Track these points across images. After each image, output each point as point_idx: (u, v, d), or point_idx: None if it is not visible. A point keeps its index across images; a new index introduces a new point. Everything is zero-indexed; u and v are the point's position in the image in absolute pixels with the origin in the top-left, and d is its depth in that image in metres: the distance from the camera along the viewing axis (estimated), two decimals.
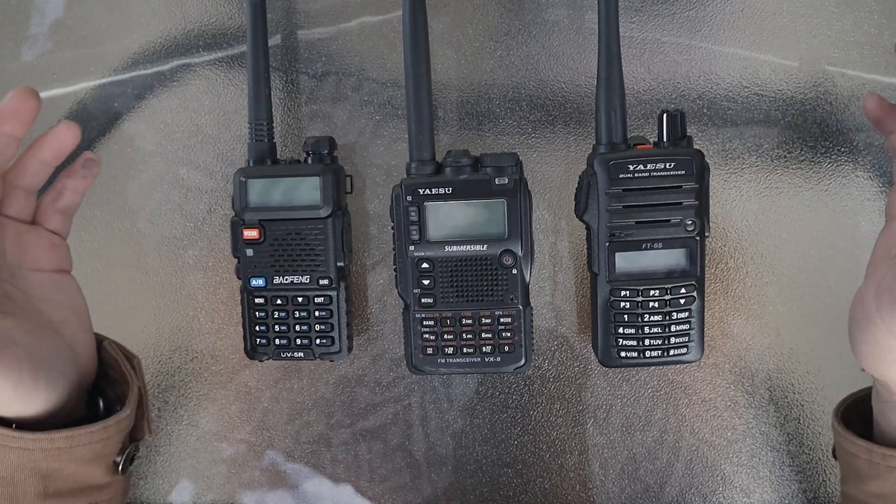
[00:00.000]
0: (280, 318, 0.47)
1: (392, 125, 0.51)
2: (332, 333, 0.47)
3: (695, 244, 0.43)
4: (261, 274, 0.47)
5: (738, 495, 0.52)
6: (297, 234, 0.46)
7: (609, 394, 0.52)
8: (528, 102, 0.50)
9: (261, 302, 0.47)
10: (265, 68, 0.47)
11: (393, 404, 0.53)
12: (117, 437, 0.41)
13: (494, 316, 0.45)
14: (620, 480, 0.53)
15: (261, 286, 0.47)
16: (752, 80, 0.49)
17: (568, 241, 0.51)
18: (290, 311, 0.47)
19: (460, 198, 0.44)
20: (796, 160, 0.49)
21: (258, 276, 0.47)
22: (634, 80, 0.49)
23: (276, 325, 0.47)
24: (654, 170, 0.42)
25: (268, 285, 0.47)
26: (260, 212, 0.46)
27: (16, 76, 0.53)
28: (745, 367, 0.51)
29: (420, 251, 0.45)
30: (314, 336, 0.47)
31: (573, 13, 0.50)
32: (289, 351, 0.48)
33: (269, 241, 0.46)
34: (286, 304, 0.47)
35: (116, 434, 0.41)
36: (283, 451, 0.55)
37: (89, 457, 0.40)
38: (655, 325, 0.44)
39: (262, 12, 0.46)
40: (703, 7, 0.49)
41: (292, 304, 0.47)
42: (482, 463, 0.54)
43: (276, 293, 0.47)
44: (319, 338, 0.47)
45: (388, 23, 0.50)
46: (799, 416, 0.51)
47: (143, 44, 0.52)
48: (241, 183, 0.46)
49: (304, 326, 0.47)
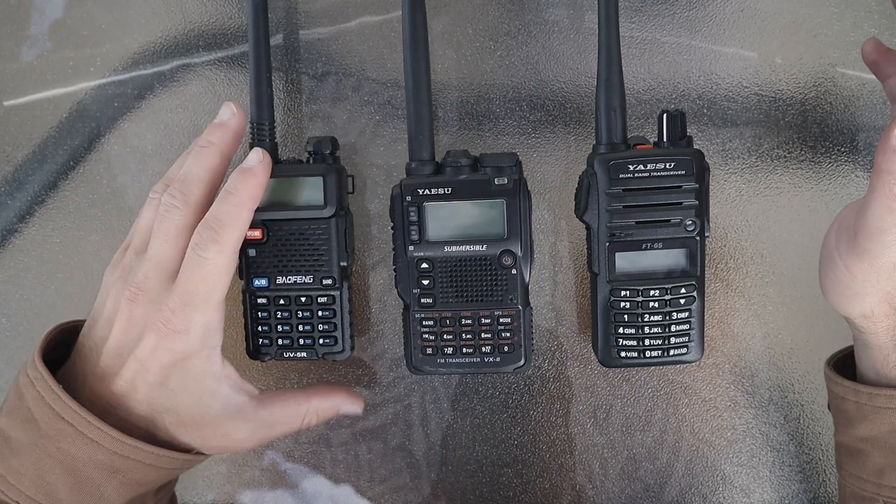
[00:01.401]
0: (283, 318, 0.47)
1: (392, 125, 0.51)
2: (335, 333, 0.47)
3: (695, 244, 0.43)
4: (264, 274, 0.47)
5: (738, 495, 0.52)
6: (300, 234, 0.46)
7: (609, 394, 0.52)
8: (528, 102, 0.50)
9: (263, 302, 0.47)
10: (267, 69, 0.46)
11: (393, 404, 0.53)
12: (176, 473, 0.44)
13: (494, 316, 0.45)
14: (620, 480, 0.53)
15: (264, 286, 0.47)
16: (752, 80, 0.49)
17: (568, 241, 0.51)
18: (294, 311, 0.47)
19: (460, 198, 0.44)
20: (796, 160, 0.49)
21: (261, 277, 0.47)
22: (634, 80, 0.49)
23: (278, 326, 0.47)
24: (654, 170, 0.42)
25: (271, 285, 0.47)
26: (263, 212, 0.46)
27: (16, 76, 0.53)
28: (745, 367, 0.51)
29: (420, 251, 0.45)
30: (317, 336, 0.47)
31: (573, 13, 0.50)
32: (292, 351, 0.48)
33: (273, 242, 0.46)
34: (289, 305, 0.47)
35: (181, 470, 0.44)
36: (283, 451, 0.55)
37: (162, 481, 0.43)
38: (655, 325, 0.44)
39: (263, 12, 0.46)
40: (703, 7, 0.49)
41: (295, 304, 0.47)
42: (482, 463, 0.54)
43: (279, 293, 0.47)
44: (323, 338, 0.47)
45: (388, 23, 0.50)
46: (799, 416, 0.51)
47: (143, 44, 0.52)
48: None
49: (307, 326, 0.47)
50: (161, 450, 0.40)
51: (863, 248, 0.37)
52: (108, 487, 0.39)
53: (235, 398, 0.43)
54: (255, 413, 0.43)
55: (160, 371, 0.40)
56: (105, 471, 0.39)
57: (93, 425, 0.38)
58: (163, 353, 0.39)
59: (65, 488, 0.38)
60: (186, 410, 0.41)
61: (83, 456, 0.38)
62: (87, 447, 0.38)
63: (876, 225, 0.35)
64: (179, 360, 0.40)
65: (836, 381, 0.42)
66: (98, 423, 0.38)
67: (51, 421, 0.38)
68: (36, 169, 0.54)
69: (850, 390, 0.40)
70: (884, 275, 0.37)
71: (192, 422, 0.41)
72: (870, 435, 0.40)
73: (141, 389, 0.40)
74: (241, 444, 0.44)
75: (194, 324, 0.39)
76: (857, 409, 0.40)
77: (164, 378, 0.40)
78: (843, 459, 0.43)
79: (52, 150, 0.53)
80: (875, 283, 0.37)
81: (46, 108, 0.53)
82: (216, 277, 0.40)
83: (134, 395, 0.40)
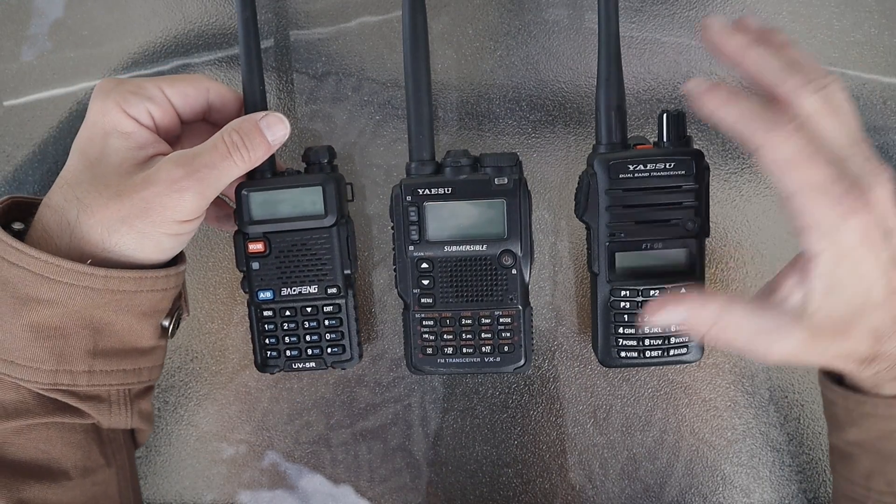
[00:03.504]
0: (290, 329, 0.47)
1: (392, 125, 0.51)
2: (342, 342, 0.47)
3: (695, 244, 0.43)
4: (268, 287, 0.46)
5: (738, 495, 0.52)
6: (302, 244, 0.46)
7: (609, 394, 0.52)
8: (528, 102, 0.50)
9: (269, 315, 0.47)
10: (260, 81, 0.45)
11: (393, 404, 0.53)
12: (173, 291, 0.43)
13: (494, 316, 0.45)
14: (620, 480, 0.53)
15: (269, 299, 0.46)
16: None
17: (568, 241, 0.51)
18: (300, 322, 0.47)
19: (460, 198, 0.44)
20: None
21: (266, 290, 0.46)
22: (634, 80, 0.49)
23: (286, 337, 0.47)
24: (654, 170, 0.42)
25: (276, 297, 0.46)
26: (264, 224, 0.45)
27: (16, 76, 0.53)
28: (745, 367, 0.51)
29: (420, 251, 0.45)
30: (325, 345, 0.47)
31: (573, 13, 0.50)
32: (300, 362, 0.47)
33: (275, 254, 0.46)
34: (295, 316, 0.47)
35: (174, 288, 0.43)
36: (283, 452, 0.55)
37: (146, 308, 0.41)
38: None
39: (253, 20, 0.45)
40: (703, 7, 0.49)
41: (301, 314, 0.47)
42: (482, 463, 0.54)
43: (284, 305, 0.47)
44: (331, 346, 0.47)
45: (388, 23, 0.50)
46: (799, 416, 0.51)
47: (143, 44, 0.52)
48: (244, 197, 0.45)
49: (314, 336, 0.47)
50: (85, 266, 0.38)
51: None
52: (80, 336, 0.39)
53: (135, 150, 0.41)
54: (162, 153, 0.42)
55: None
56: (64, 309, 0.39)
57: (14, 249, 0.38)
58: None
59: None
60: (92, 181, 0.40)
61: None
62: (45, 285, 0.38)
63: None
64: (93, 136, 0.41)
65: (827, 386, 0.42)
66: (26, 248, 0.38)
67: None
68: (36, 169, 0.54)
69: (839, 395, 0.41)
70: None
71: (109, 194, 0.39)
72: (858, 439, 0.40)
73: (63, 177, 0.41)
74: (177, 204, 0.40)
75: None
76: (846, 414, 0.41)
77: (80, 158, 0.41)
78: (835, 461, 0.44)
79: (52, 150, 0.53)
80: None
81: (46, 108, 0.53)
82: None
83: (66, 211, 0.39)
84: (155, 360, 0.44)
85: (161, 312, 0.43)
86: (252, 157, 0.42)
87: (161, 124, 0.42)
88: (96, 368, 0.40)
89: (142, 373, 0.43)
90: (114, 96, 0.41)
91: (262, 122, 0.42)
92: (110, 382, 0.41)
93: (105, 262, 0.39)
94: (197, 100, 0.43)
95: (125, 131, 0.41)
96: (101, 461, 0.43)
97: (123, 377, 0.42)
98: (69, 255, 0.39)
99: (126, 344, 0.41)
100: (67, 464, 0.41)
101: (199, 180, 0.39)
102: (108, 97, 0.41)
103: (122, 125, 0.41)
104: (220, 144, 0.41)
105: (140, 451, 0.56)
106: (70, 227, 0.39)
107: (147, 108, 0.41)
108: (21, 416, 0.39)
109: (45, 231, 0.40)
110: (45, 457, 0.41)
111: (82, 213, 0.39)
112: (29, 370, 0.39)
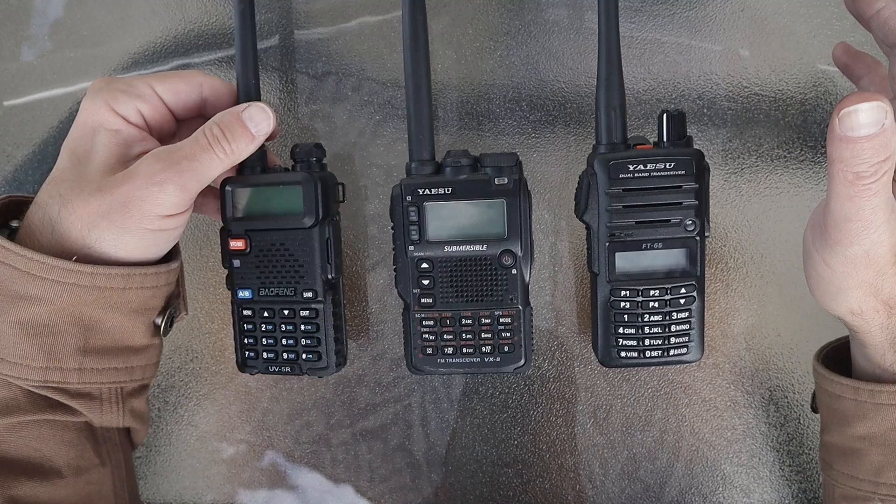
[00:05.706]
0: (267, 331, 0.46)
1: (392, 125, 0.51)
2: (318, 348, 0.46)
3: (695, 244, 0.43)
4: (248, 286, 0.46)
5: (738, 495, 0.52)
6: (280, 244, 0.45)
7: (609, 394, 0.52)
8: (528, 102, 0.50)
9: (248, 314, 0.46)
10: (255, 76, 0.45)
11: (393, 404, 0.53)
12: (165, 289, 0.43)
13: (494, 316, 0.45)
14: (620, 480, 0.53)
15: (248, 298, 0.46)
16: (752, 80, 0.49)
17: (568, 241, 0.51)
18: (277, 325, 0.46)
19: (460, 198, 0.44)
20: (796, 160, 0.49)
21: (245, 288, 0.46)
22: (634, 80, 0.49)
23: (263, 339, 0.46)
24: (654, 170, 0.42)
25: (254, 297, 0.46)
26: (246, 222, 0.45)
27: (16, 76, 0.53)
28: (745, 367, 0.51)
29: (420, 251, 0.45)
30: (300, 350, 0.46)
31: (573, 13, 0.50)
32: (276, 365, 0.46)
33: (255, 252, 0.45)
34: (273, 317, 0.46)
35: (165, 286, 0.42)
36: (283, 451, 0.55)
37: (136, 306, 0.41)
38: (655, 325, 0.44)
39: (251, 17, 0.45)
40: (703, 7, 0.49)
41: (279, 317, 0.46)
42: (482, 463, 0.54)
43: (262, 305, 0.46)
44: (306, 352, 0.46)
45: (388, 23, 0.50)
46: (799, 416, 0.51)
47: (143, 44, 0.52)
48: (226, 192, 0.45)
49: (290, 341, 0.46)
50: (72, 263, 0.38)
51: (833, 239, 0.37)
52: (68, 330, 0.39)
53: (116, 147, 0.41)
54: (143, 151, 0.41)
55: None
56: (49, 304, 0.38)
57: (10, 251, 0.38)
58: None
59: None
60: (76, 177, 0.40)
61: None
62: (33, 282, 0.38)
63: (840, 214, 0.35)
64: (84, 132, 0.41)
65: (833, 379, 0.41)
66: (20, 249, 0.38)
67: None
68: (36, 169, 0.54)
69: (848, 388, 0.40)
70: (860, 264, 0.37)
71: (90, 189, 0.39)
72: (868, 433, 0.40)
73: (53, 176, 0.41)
74: (159, 200, 0.39)
75: None
76: (855, 407, 0.40)
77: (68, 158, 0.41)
78: (833, 460, 0.43)
79: (52, 150, 0.53)
80: (854, 275, 0.37)
81: (46, 108, 0.53)
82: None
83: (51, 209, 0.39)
84: (148, 359, 0.44)
85: (153, 310, 0.43)
86: (235, 150, 0.41)
87: (152, 122, 0.42)
88: (87, 366, 0.40)
89: (134, 371, 0.43)
90: (103, 95, 0.41)
91: (244, 114, 0.41)
92: (101, 380, 0.41)
93: (89, 259, 0.39)
94: (189, 95, 0.43)
95: (112, 129, 0.41)
96: (95, 460, 0.43)
97: (115, 375, 0.42)
98: (52, 251, 0.38)
99: (117, 342, 0.41)
100: (60, 462, 0.41)
101: (178, 173, 0.39)
102: (98, 96, 0.41)
103: (110, 123, 0.41)
104: (202, 137, 0.40)
105: (140, 451, 0.56)
106: (52, 224, 0.39)
107: (136, 105, 0.41)
108: (12, 413, 0.39)
109: (30, 228, 0.40)
110: (38, 455, 0.41)
111: (63, 209, 0.39)
112: (19, 367, 0.39)
